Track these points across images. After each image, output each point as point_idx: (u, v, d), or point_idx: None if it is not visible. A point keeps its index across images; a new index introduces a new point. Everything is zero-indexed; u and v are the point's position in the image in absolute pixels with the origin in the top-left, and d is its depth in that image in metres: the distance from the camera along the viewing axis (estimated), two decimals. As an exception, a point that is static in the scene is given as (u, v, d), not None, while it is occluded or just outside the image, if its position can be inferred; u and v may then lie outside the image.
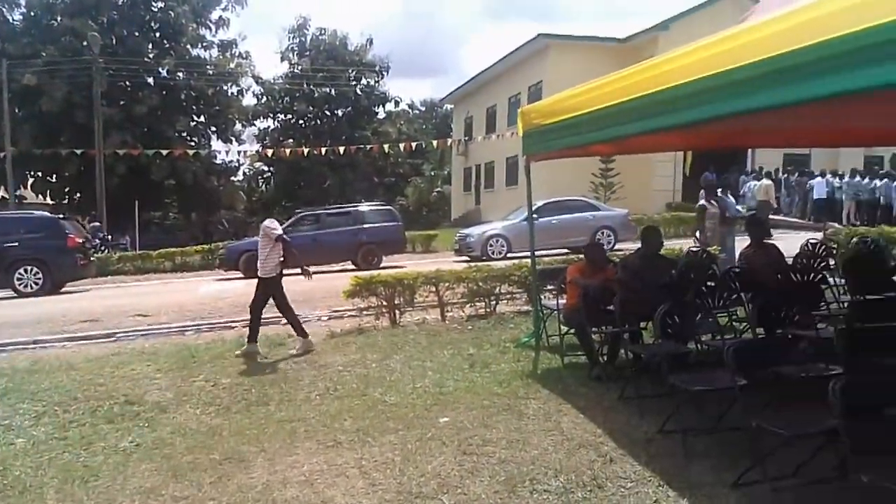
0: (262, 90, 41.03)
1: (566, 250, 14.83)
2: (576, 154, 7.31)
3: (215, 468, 4.45)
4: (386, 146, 26.11)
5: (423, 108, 59.91)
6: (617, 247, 16.10)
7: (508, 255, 16.22)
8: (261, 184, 45.11)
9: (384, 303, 8.93)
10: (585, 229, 16.64)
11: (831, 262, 7.44)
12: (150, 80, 33.50)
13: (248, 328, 7.71)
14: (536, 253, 7.77)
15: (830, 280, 6.44)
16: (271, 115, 42.31)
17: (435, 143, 25.95)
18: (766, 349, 4.42)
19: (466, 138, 33.68)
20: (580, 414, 4.96)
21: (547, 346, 6.90)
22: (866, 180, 19.14)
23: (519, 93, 28.63)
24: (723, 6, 22.73)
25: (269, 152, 31.72)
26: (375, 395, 5.78)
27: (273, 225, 7.60)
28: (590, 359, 6.12)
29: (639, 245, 6.97)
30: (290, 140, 39.16)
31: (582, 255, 7.02)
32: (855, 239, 9.63)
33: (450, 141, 31.39)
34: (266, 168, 43.79)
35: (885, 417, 3.28)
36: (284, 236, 7.64)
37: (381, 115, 44.88)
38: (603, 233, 17.02)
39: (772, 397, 4.14)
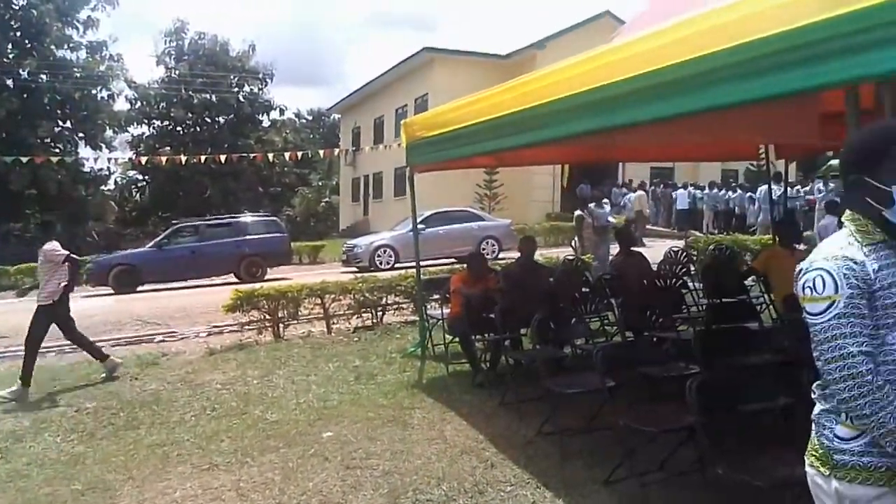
0: (135, 95, 38.77)
1: (453, 260, 15.07)
2: (459, 166, 7.47)
3: (77, 499, 4.14)
4: (271, 155, 25.38)
5: (310, 118, 58.98)
6: (501, 256, 16.55)
7: (396, 265, 16.26)
8: (135, 193, 42.54)
9: (267, 316, 8.69)
10: (471, 239, 16.98)
11: (692, 268, 8.04)
12: (10, 81, 30.79)
13: (23, 364, 6.57)
14: (423, 263, 7.85)
15: (690, 285, 6.94)
16: (146, 122, 40.03)
17: (322, 152, 25.46)
18: (633, 351, 4.70)
19: (354, 148, 33.47)
20: (463, 421, 5.05)
21: (432, 355, 6.97)
22: (723, 192, 20.88)
23: (406, 104, 28.86)
24: (594, 27, 24.19)
25: (144, 160, 30.00)
26: (256, 413, 5.59)
27: (55, 248, 6.77)
28: (473, 366, 6.25)
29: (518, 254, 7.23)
30: (168, 148, 37.21)
31: (465, 265, 7.17)
32: (712, 246, 10.45)
33: (337, 151, 31.01)
34: (141, 177, 41.39)
35: (737, 413, 3.57)
36: (73, 256, 6.83)
37: (266, 124, 43.68)
38: (488, 242, 17.44)
39: (638, 396, 4.41)
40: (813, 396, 1.90)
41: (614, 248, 9.07)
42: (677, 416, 3.65)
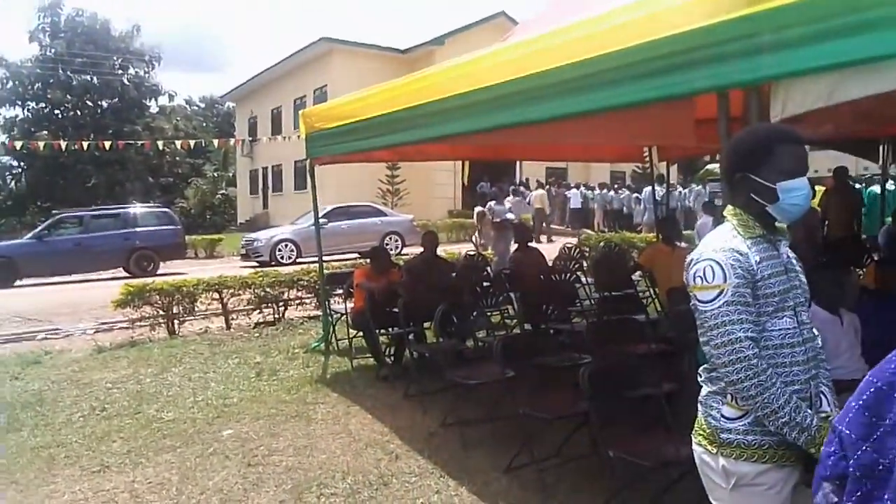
0: (6, 73, 35.74)
1: (356, 255, 15.00)
2: (359, 159, 7.47)
3: (-50, 511, 3.85)
4: (160, 143, 24.12)
5: (203, 105, 56.52)
6: (404, 251, 16.63)
7: (298, 259, 15.96)
8: (9, 181, 39.21)
9: (161, 312, 8.34)
10: (374, 234, 16.95)
11: (584, 263, 8.45)
12: None
13: None
14: (326, 257, 7.79)
15: (583, 279, 7.31)
16: (19, 103, 36.99)
17: (216, 142, 24.48)
18: (531, 342, 4.91)
19: (251, 139, 32.43)
20: (368, 414, 5.09)
21: (336, 349, 6.96)
22: (612, 192, 21.99)
23: (304, 95, 28.31)
24: (491, 26, 24.78)
25: (18, 145, 27.74)
26: (150, 413, 5.38)
27: None
28: (377, 360, 6.30)
29: (422, 249, 7.33)
30: (45, 132, 34.52)
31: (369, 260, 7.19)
32: (602, 243, 11.02)
33: (233, 141, 29.88)
34: (15, 163, 38.19)
35: (626, 398, 3.83)
36: None
37: (154, 110, 41.47)
38: (391, 237, 17.47)
39: (536, 386, 4.62)
40: (700, 380, 2.06)
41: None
42: (572, 404, 3.86)
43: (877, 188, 9.76)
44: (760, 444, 1.87)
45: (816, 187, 11.01)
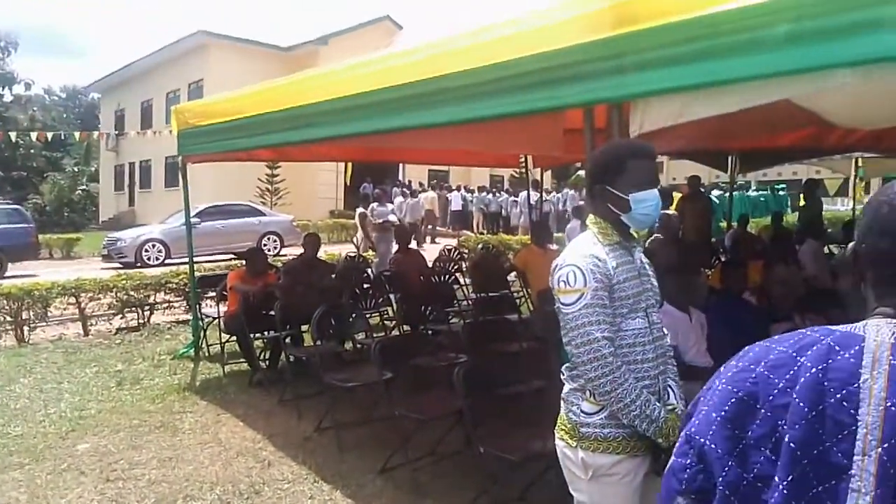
0: None
1: (231, 256, 14.43)
2: (236, 158, 7.21)
3: None
4: (13, 134, 22.05)
5: (64, 95, 52.31)
6: (283, 252, 16.21)
7: (167, 261, 15.13)
8: None
9: (8, 318, 7.62)
10: (251, 234, 16.38)
11: (463, 265, 8.63)
12: None
13: None
14: (199, 259, 7.45)
15: (462, 281, 7.47)
16: None
17: (78, 134, 22.75)
18: (408, 344, 4.95)
19: (118, 133, 30.34)
20: (239, 422, 4.92)
21: (207, 355, 6.67)
22: (491, 195, 22.63)
23: (178, 89, 26.92)
24: (376, 29, 24.77)
25: None
26: (-7, 429, 4.91)
27: None
28: (251, 365, 6.10)
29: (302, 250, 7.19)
30: None
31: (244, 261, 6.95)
32: (480, 245, 11.30)
33: (97, 134, 27.82)
34: None
35: (497, 396, 3.95)
36: None
37: (8, 99, 37.88)
38: (269, 238, 16.97)
39: (413, 387, 4.67)
40: (562, 377, 2.19)
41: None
42: (448, 403, 3.93)
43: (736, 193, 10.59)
44: (615, 437, 2.01)
45: (674, 193, 11.92)
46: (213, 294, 7.16)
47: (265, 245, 15.99)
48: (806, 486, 0.87)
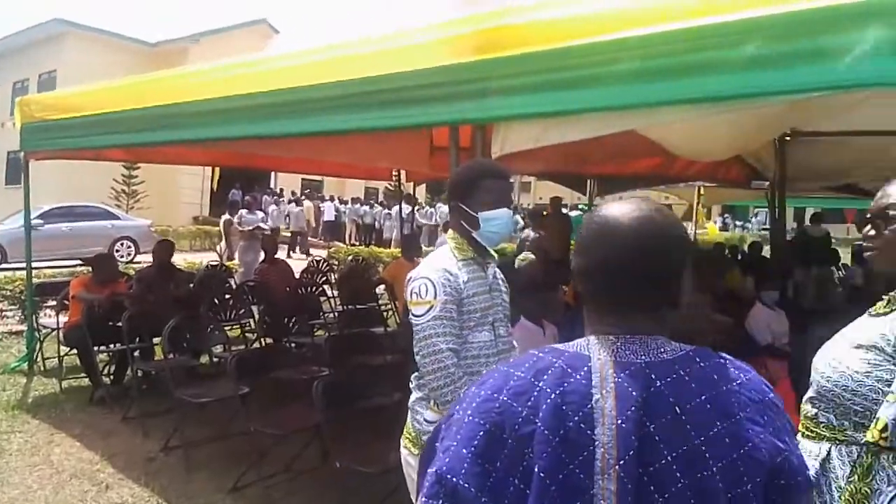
0: None
1: (78, 261, 13.32)
2: (86, 157, 6.70)
3: None
4: None
5: None
6: (138, 259, 15.20)
7: (3, 265, 13.68)
8: None
9: None
10: (103, 239, 15.20)
11: (332, 276, 8.52)
12: None
13: None
14: (40, 264, 6.80)
15: (329, 293, 7.36)
16: None
17: None
18: (268, 357, 4.78)
19: (-50, 121, 27.19)
20: (76, 442, 4.52)
21: (43, 370, 6.10)
22: (367, 207, 22.55)
23: (27, 79, 24.62)
24: (251, 31, 24.04)
25: None
26: None
27: None
28: (92, 381, 5.62)
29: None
30: None
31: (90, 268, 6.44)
32: (350, 257, 11.21)
33: (-79, 121, 24.83)
34: None
35: (357, 409, 3.92)
36: None
37: None
38: (123, 244, 15.84)
39: (272, 401, 4.52)
40: (410, 386, 2.22)
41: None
42: (306, 417, 3.85)
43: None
44: None
45: (544, 213, 12.47)
46: (54, 303, 6.56)
47: (118, 251, 14.94)
48: None
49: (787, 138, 5.44)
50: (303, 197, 22.67)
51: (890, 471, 1.39)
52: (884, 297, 1.57)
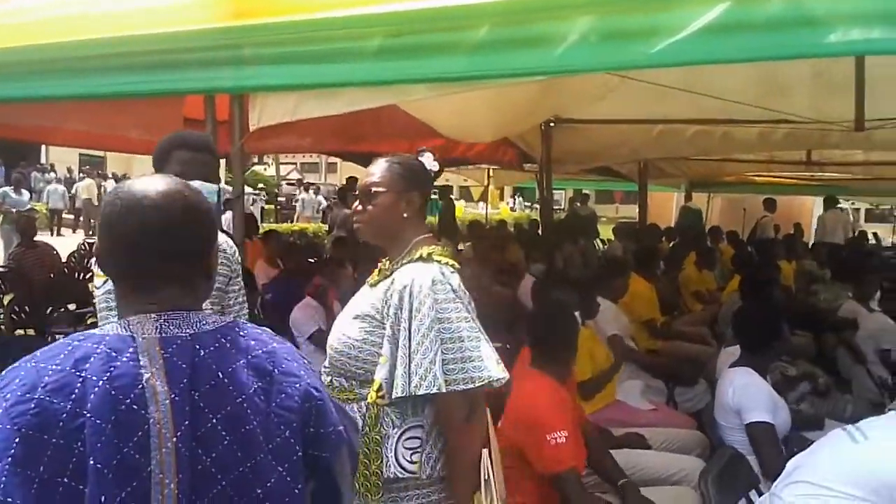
0: None
1: None
2: None
3: None
4: None
5: None
6: None
7: None
8: None
9: None
10: None
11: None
12: None
13: None
14: None
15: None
16: None
17: None
18: (18, 349, 4.28)
19: None
20: None
21: None
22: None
23: None
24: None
25: None
26: None
27: None
28: None
29: None
30: None
31: None
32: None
33: None
34: None
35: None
36: None
37: None
38: None
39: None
40: None
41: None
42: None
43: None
44: None
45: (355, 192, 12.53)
46: None
47: None
48: (112, 499, 0.88)
49: (552, 124, 5.96)
50: (68, 175, 20.54)
51: (392, 416, 1.62)
52: (379, 267, 1.79)
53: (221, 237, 2.30)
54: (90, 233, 15.98)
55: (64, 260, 7.23)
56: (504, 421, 2.38)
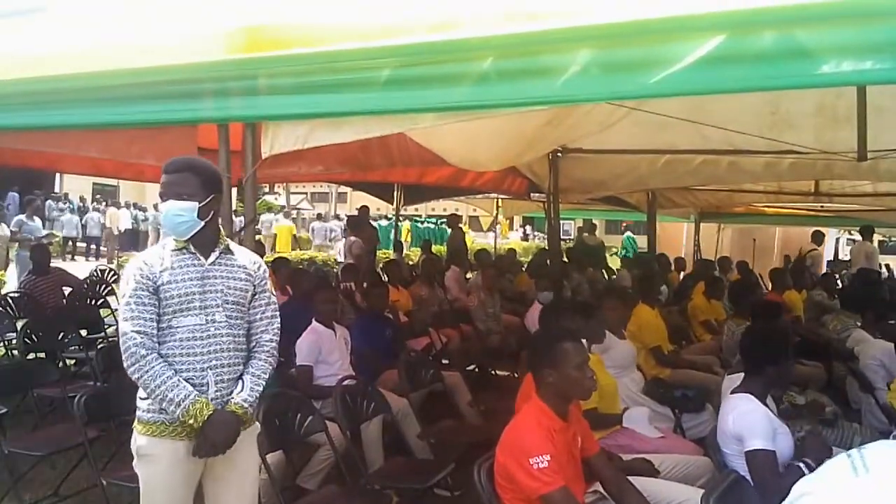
0: None
1: None
2: None
3: None
4: None
5: None
6: None
7: None
8: None
9: None
10: None
11: (116, 287, 7.93)
12: None
13: None
14: None
15: (115, 304, 6.84)
16: None
17: None
18: (29, 373, 4.32)
19: None
20: None
21: None
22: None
23: None
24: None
25: None
26: None
27: None
28: None
29: None
30: None
31: None
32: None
33: None
34: None
35: (126, 423, 3.67)
36: None
37: None
38: None
39: (34, 420, 4.11)
40: None
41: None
42: (76, 434, 3.55)
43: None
44: (155, 421, 2.26)
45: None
46: None
47: None
48: None
49: (560, 154, 6.04)
50: (80, 204, 20.94)
51: None
52: None
53: (249, 254, 2.49)
54: (112, 261, 16.25)
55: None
56: (498, 445, 2.42)
